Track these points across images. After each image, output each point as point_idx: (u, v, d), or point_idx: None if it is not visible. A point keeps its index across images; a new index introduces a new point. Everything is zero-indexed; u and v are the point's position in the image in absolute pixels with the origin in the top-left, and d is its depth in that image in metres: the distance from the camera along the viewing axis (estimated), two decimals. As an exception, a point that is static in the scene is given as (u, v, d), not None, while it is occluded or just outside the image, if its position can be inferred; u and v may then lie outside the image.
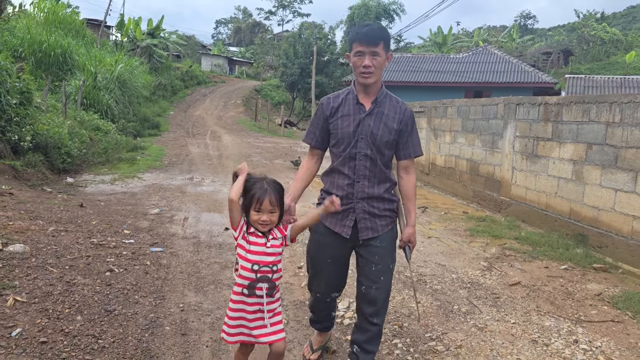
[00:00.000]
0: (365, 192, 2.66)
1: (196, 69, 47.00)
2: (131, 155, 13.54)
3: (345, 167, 2.67)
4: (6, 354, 2.96)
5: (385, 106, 2.67)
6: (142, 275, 4.45)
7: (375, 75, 2.57)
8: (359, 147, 2.63)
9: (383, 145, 2.64)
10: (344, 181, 2.68)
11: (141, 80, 25.11)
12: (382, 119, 2.64)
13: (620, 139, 5.56)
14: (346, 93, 2.73)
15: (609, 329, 3.84)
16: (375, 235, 2.69)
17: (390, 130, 2.64)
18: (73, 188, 8.70)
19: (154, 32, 38.72)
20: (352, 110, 2.66)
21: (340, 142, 2.67)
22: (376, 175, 2.67)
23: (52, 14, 27.17)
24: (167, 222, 6.51)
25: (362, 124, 2.63)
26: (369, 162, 2.64)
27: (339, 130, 2.66)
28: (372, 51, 2.53)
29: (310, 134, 2.82)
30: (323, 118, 2.73)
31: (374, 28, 2.57)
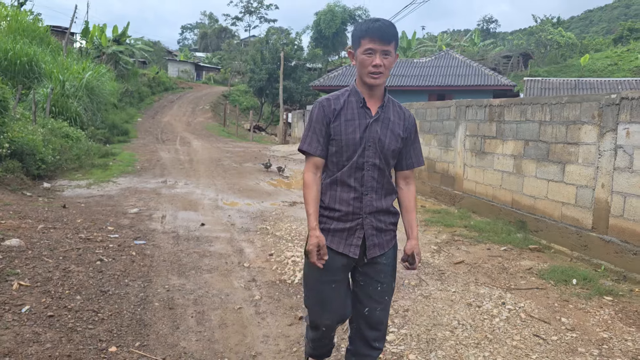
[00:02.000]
0: (373, 206, 2.38)
1: (163, 75, 47.06)
2: (103, 162, 13.86)
3: (351, 178, 2.35)
4: (20, 326, 3.46)
5: (390, 111, 2.41)
6: (130, 264, 4.97)
7: (384, 76, 2.30)
8: (367, 155, 2.34)
9: (390, 154, 2.39)
10: (349, 194, 2.36)
11: (109, 88, 25.22)
12: (389, 126, 2.38)
13: (551, 136, 6.35)
14: (347, 95, 2.41)
15: (533, 294, 4.56)
16: (382, 252, 2.43)
17: (397, 138, 2.39)
18: (51, 192, 9.07)
19: (119, 38, 38.65)
20: (357, 115, 2.35)
21: (344, 149, 2.34)
22: (384, 187, 2.40)
23: (15, 21, 27.05)
24: (147, 219, 7.01)
25: (370, 131, 2.33)
26: (377, 173, 2.36)
27: (342, 136, 2.33)
28: (384, 49, 2.25)
29: (313, 142, 2.38)
30: (326, 122, 2.37)
31: (387, 24, 2.28)
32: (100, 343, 3.36)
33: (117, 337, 3.49)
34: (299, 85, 34.22)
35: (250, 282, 4.79)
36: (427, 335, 3.66)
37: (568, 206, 6.03)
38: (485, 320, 3.93)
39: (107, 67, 30.35)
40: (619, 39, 54.37)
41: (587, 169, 5.72)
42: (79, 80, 20.67)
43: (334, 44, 45.69)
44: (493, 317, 4.00)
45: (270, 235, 6.50)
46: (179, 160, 15.41)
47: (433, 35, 68.08)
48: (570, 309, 4.24)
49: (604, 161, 5.47)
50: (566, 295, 4.54)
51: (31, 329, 3.42)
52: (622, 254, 5.18)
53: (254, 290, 4.59)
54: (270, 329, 3.81)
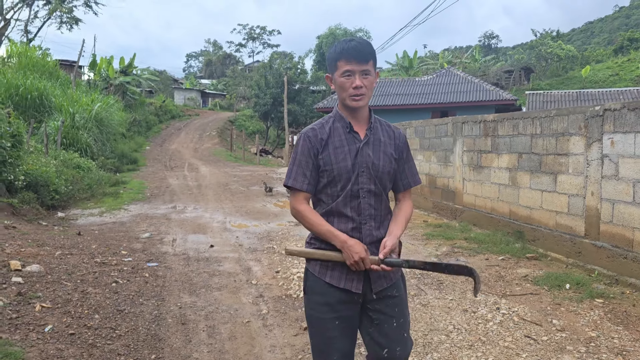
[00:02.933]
0: (373, 236, 2.21)
1: (169, 104, 47.84)
2: (114, 190, 14.23)
3: (347, 207, 2.20)
4: (44, 344, 3.73)
5: (380, 132, 2.30)
6: (143, 284, 5.25)
7: (367, 97, 2.19)
8: (361, 182, 2.20)
9: (386, 177, 2.25)
10: (347, 225, 2.20)
11: (117, 118, 25.80)
12: (381, 147, 2.27)
13: (542, 148, 6.61)
14: (331, 121, 2.29)
15: (527, 299, 4.78)
16: (390, 283, 2.25)
17: (390, 159, 2.27)
18: (65, 221, 9.40)
19: (126, 69, 39.50)
20: (345, 141, 2.23)
21: (336, 179, 2.20)
22: (381, 214, 2.27)
23: (25, 57, 27.89)
24: (158, 243, 7.31)
25: (361, 155, 2.21)
26: (373, 199, 2.22)
27: (333, 165, 2.19)
28: (362, 69, 2.15)
29: (298, 176, 2.23)
30: (313, 154, 2.22)
31: (362, 43, 2.19)
32: (118, 357, 3.63)
33: (134, 351, 3.75)
34: (304, 108, 34.72)
35: (257, 298, 5.05)
36: (424, 339, 3.89)
37: (561, 215, 6.26)
38: (479, 325, 4.16)
39: (115, 98, 31.05)
40: (619, 49, 54.73)
41: (577, 178, 5.96)
42: (89, 112, 21.23)
43: (337, 66, 46.35)
44: (487, 321, 4.23)
45: (276, 253, 6.77)
46: (188, 186, 15.76)
47: (435, 53, 68.89)
48: (561, 311, 4.46)
49: (592, 170, 5.72)
50: (559, 299, 4.75)
51: (54, 346, 3.69)
52: (613, 258, 5.39)
53: (262, 305, 4.84)
54: (277, 339, 4.06)
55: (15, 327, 3.91)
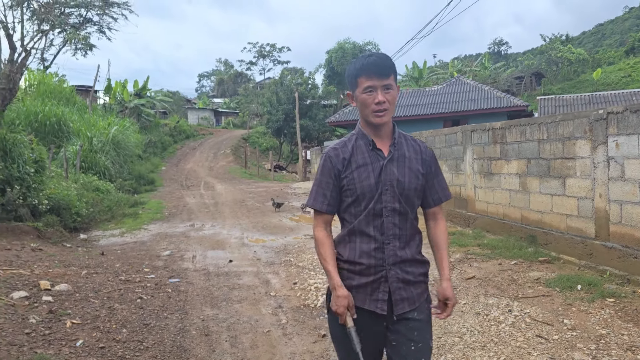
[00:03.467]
0: (397, 256, 2.14)
1: (183, 124, 48.52)
2: (133, 211, 14.55)
3: (369, 227, 2.15)
4: (76, 357, 3.95)
5: (404, 147, 2.23)
6: (167, 299, 5.46)
7: (390, 113, 2.15)
8: (384, 200, 2.14)
9: (412, 195, 2.18)
10: (369, 245, 2.15)
11: (133, 140, 26.32)
12: (406, 163, 2.20)
13: (549, 152, 6.73)
14: (354, 139, 2.25)
15: (539, 301, 4.89)
16: (413, 307, 2.18)
17: (417, 175, 2.20)
18: (88, 242, 9.69)
19: (140, 92, 40.32)
20: (368, 159, 2.18)
21: (360, 198, 2.16)
22: (407, 233, 2.18)
23: (43, 85, 28.65)
24: (179, 260, 7.53)
25: (385, 172, 2.15)
26: (398, 218, 2.15)
27: (357, 184, 2.16)
28: (384, 84, 2.11)
29: (319, 197, 2.24)
30: (335, 174, 2.21)
31: (382, 57, 2.15)
32: (147, 367, 3.82)
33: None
34: (315, 122, 35.03)
35: (277, 309, 5.22)
36: (438, 342, 4.03)
37: (572, 217, 6.36)
38: (492, 326, 4.29)
39: (131, 120, 31.67)
40: (630, 50, 54.41)
41: (585, 181, 6.07)
42: (105, 136, 21.73)
43: (347, 80, 46.74)
44: (499, 323, 4.35)
45: (293, 266, 6.95)
46: (205, 204, 16.04)
47: (445, 62, 69.09)
48: (573, 311, 4.57)
49: (599, 172, 5.83)
50: (570, 300, 4.86)
51: (86, 359, 3.90)
52: (624, 258, 5.48)
53: (281, 315, 5.01)
54: (296, 347, 4.23)
55: (48, 343, 4.13)
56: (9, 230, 8.48)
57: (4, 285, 5.31)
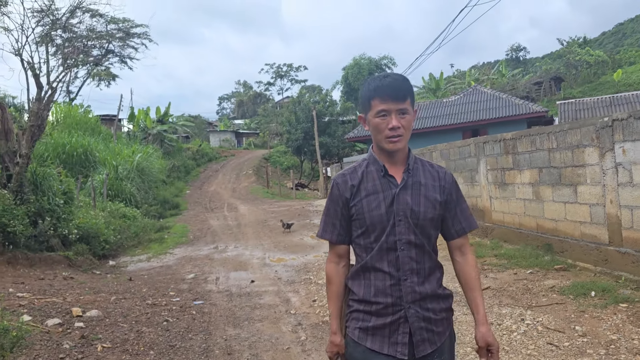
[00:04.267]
0: (416, 292, 1.95)
1: (206, 147, 49.35)
2: (159, 236, 14.93)
3: (383, 262, 1.97)
4: (107, 379, 4.19)
5: (420, 174, 2.05)
6: (191, 321, 5.69)
7: (405, 139, 1.99)
8: (398, 232, 1.95)
9: (429, 225, 1.99)
10: (385, 282, 1.97)
11: (157, 166, 26.95)
12: (421, 191, 2.01)
13: (560, 161, 6.82)
14: (365, 165, 2.10)
15: (552, 308, 4.98)
16: (434, 347, 1.99)
17: (433, 204, 2.01)
18: (117, 269, 10.03)
19: (162, 118, 41.25)
20: (379, 186, 2.01)
21: (370, 229, 1.99)
22: (425, 267, 1.99)
23: (69, 117, 29.61)
24: (203, 282, 7.78)
25: (397, 202, 1.97)
26: (414, 251, 1.96)
27: (365, 214, 2.00)
28: (399, 108, 1.94)
29: (328, 226, 2.11)
30: (342, 202, 2.06)
31: (399, 78, 1.99)
32: (173, 386, 4.04)
33: (187, 381, 4.16)
34: (335, 139, 35.35)
35: (296, 326, 5.41)
36: (450, 352, 4.16)
37: (585, 224, 6.42)
38: (503, 335, 4.40)
39: (154, 147, 32.44)
40: (651, 49, 53.61)
41: (595, 188, 6.15)
42: (130, 163, 22.33)
43: (365, 95, 47.13)
44: (511, 332, 4.46)
45: (313, 283, 7.13)
46: (228, 226, 16.35)
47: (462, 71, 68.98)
48: (585, 318, 4.65)
49: (608, 179, 5.91)
50: (583, 307, 4.93)
51: (117, 380, 4.14)
52: (638, 263, 5.53)
53: (300, 333, 5.19)
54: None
55: (81, 366, 4.38)
56: (41, 260, 8.86)
57: (39, 314, 5.61)
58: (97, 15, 21.56)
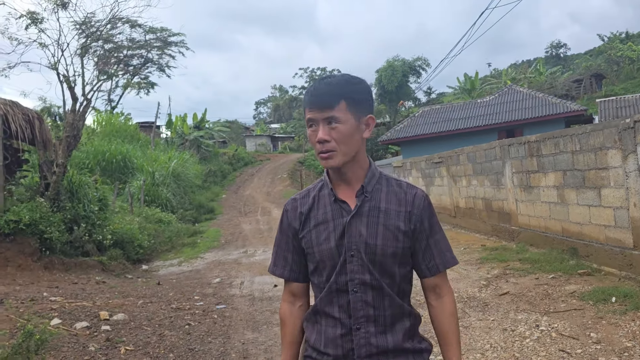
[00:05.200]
0: (372, 345, 1.59)
1: (242, 152, 50.05)
2: (192, 240, 15.28)
3: (333, 306, 1.63)
4: (127, 380, 4.37)
5: (381, 197, 1.66)
6: (212, 325, 5.86)
7: (342, 155, 1.58)
8: (350, 271, 1.60)
9: (390, 262, 1.61)
10: (335, 330, 1.62)
11: (193, 171, 27.54)
12: (380, 219, 1.62)
13: (583, 164, 6.69)
14: (319, 187, 1.74)
15: (570, 315, 4.91)
16: None
17: (395, 235, 1.61)
18: (148, 273, 10.35)
19: (199, 124, 42.14)
20: (330, 214, 1.66)
21: (320, 267, 1.66)
22: (386, 314, 1.61)
23: (109, 125, 30.60)
24: (227, 287, 7.96)
25: (349, 233, 1.60)
26: (370, 294, 1.60)
27: (315, 247, 1.65)
28: (325, 117, 1.56)
29: (279, 260, 1.79)
30: (292, 233, 1.73)
31: (328, 82, 1.61)
32: (188, 388, 4.19)
33: (202, 383, 4.30)
34: (368, 142, 35.13)
35: (313, 331, 5.48)
36: (460, 358, 4.16)
37: (610, 228, 6.28)
38: (515, 342, 4.37)
39: (190, 152, 33.17)
40: (699, 41, 51.39)
41: (619, 191, 6.01)
42: (166, 169, 22.91)
43: (399, 97, 46.93)
44: (524, 338, 4.43)
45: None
46: (259, 230, 16.58)
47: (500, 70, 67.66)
48: (602, 324, 4.56)
49: (631, 181, 5.77)
50: (602, 313, 4.84)
51: (136, 382, 4.31)
52: (662, 268, 5.38)
53: (316, 337, 5.27)
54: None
55: (104, 368, 4.59)
56: (76, 265, 9.24)
57: (68, 317, 5.88)
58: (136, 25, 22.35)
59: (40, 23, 9.63)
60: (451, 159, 11.96)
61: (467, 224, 11.40)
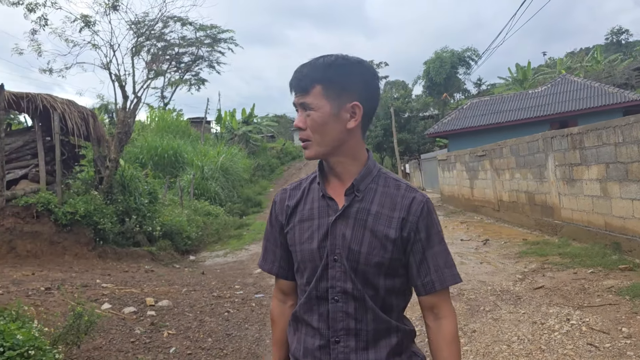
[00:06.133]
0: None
1: (289, 146, 50.60)
2: (238, 232, 15.73)
3: (313, 314, 1.48)
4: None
5: (374, 198, 1.47)
6: (250, 313, 6.11)
7: (316, 145, 1.44)
8: (331, 277, 1.44)
9: (374, 272, 1.42)
10: (314, 340, 1.47)
11: (241, 165, 28.18)
12: (368, 223, 1.43)
13: (626, 156, 6.52)
14: (311, 179, 1.60)
15: (604, 309, 4.85)
16: None
17: (382, 244, 1.42)
18: (195, 263, 10.78)
19: (247, 119, 42.93)
20: (316, 211, 1.50)
21: (301, 268, 1.51)
22: (369, 329, 1.43)
23: (162, 120, 31.65)
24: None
25: (332, 234, 1.44)
26: (352, 306, 1.42)
27: (297, 246, 1.50)
28: (300, 103, 1.43)
29: (268, 254, 1.65)
30: (279, 227, 1.60)
31: (307, 64, 1.45)
32: (223, 371, 4.43)
33: (237, 367, 4.55)
34: (414, 135, 35.07)
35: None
36: (485, 349, 4.22)
37: (653, 223, 6.11)
38: (543, 335, 4.38)
39: (239, 147, 33.90)
40: None
41: (662, 184, 5.84)
42: (215, 164, 23.56)
43: (447, 89, 46.18)
44: (553, 331, 4.43)
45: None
46: (304, 223, 16.83)
47: (555, 59, 65.34)
48: (636, 320, 4.50)
49: (674, 175, 5.60)
50: (638, 308, 4.76)
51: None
52: None
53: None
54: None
55: (148, 350, 4.90)
56: (128, 254, 9.75)
57: (117, 302, 6.28)
58: (187, 23, 23.08)
59: (93, 25, 10.15)
60: (494, 151, 11.79)
61: (510, 218, 11.23)
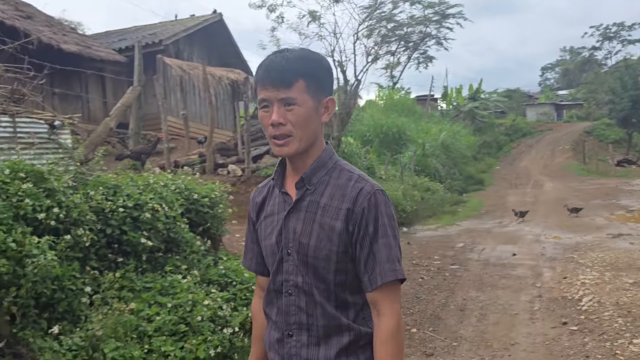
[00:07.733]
0: (301, 357, 1.45)
1: (520, 122, 47.88)
2: (453, 209, 15.99)
3: (272, 307, 1.52)
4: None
5: (325, 190, 1.45)
6: (442, 281, 6.58)
7: (298, 140, 1.41)
8: (285, 271, 1.47)
9: (323, 266, 1.42)
10: (274, 333, 1.51)
11: (464, 142, 27.98)
12: (317, 216, 1.43)
13: None
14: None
15: None
16: None
17: (329, 236, 1.41)
18: (407, 235, 11.46)
19: (474, 96, 41.90)
20: (276, 206, 1.53)
21: (268, 263, 1.56)
22: (320, 324, 1.43)
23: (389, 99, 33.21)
24: (468, 251, 8.50)
25: (285, 228, 1.47)
26: (303, 300, 1.44)
27: (262, 242, 1.56)
28: (281, 98, 1.38)
29: (248, 251, 1.68)
30: (252, 223, 1.63)
31: (285, 56, 1.40)
32: (406, 327, 5.03)
33: (419, 325, 5.13)
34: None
35: (535, 297, 5.73)
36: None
37: None
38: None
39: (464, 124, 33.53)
40: None
41: None
42: (436, 141, 23.96)
43: None
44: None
45: (574, 262, 7.07)
46: (523, 203, 16.21)
47: None
48: None
49: None
50: None
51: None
52: None
53: (536, 303, 5.52)
54: (534, 328, 4.79)
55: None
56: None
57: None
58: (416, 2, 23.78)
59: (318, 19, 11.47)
60: None
61: None
